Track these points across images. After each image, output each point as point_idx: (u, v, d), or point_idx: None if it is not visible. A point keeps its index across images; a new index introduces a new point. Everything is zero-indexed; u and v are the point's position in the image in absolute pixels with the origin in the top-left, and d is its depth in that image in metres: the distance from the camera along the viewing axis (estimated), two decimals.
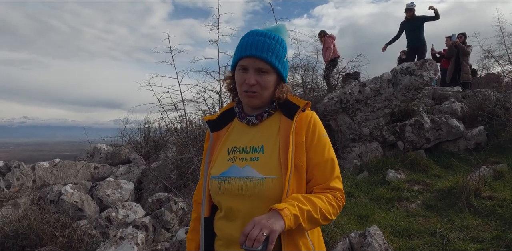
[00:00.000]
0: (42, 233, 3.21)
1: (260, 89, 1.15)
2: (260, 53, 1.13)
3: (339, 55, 8.37)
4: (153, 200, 4.27)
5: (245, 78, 1.14)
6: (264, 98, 1.18)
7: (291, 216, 0.96)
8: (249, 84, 1.13)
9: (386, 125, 5.67)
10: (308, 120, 1.18)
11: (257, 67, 1.14)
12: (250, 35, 1.18)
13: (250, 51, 1.13)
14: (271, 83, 1.17)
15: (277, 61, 1.15)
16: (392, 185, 4.32)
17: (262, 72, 1.15)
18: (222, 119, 1.30)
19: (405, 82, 5.48)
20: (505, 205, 3.41)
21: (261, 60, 1.13)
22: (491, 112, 5.71)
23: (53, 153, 32.96)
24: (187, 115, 5.48)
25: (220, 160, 1.21)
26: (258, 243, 0.88)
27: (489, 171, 4.29)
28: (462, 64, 8.35)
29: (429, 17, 7.68)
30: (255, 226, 0.91)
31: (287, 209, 0.97)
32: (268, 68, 1.15)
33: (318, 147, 1.15)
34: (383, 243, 2.75)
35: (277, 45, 1.16)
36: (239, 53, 1.16)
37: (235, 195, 1.12)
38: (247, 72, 1.14)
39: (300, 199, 1.03)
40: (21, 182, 4.71)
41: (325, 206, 1.07)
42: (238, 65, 1.17)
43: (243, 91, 1.16)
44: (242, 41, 1.18)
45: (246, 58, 1.14)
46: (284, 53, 1.18)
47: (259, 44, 1.14)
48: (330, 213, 1.08)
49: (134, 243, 2.76)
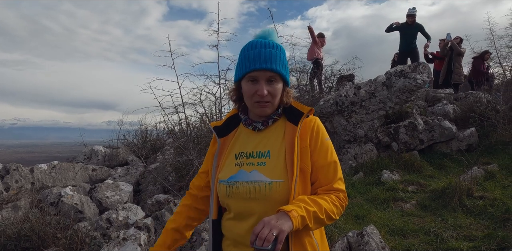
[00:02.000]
0: (44, 235, 3.25)
1: (271, 98, 1.21)
2: (270, 66, 1.18)
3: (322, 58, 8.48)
4: (153, 201, 4.31)
5: (256, 89, 1.19)
6: (274, 106, 1.24)
7: (298, 217, 1.02)
8: (262, 96, 1.18)
9: (381, 127, 5.78)
10: (312, 125, 1.24)
11: (267, 77, 1.19)
12: (253, 47, 1.22)
13: (260, 65, 1.17)
14: (279, 90, 1.23)
15: (283, 69, 1.22)
16: (387, 186, 4.42)
17: (271, 82, 1.20)
18: (228, 125, 1.36)
19: (399, 85, 5.60)
20: (496, 205, 3.53)
21: (271, 71, 1.19)
22: (482, 114, 5.85)
23: (45, 155, 32.56)
24: (187, 118, 5.53)
25: (228, 165, 1.26)
26: (268, 242, 0.94)
27: (481, 171, 4.41)
28: (455, 65, 8.44)
29: (424, 31, 7.93)
30: (265, 226, 0.97)
31: (295, 211, 1.02)
32: (277, 77, 1.21)
33: (321, 150, 1.21)
34: (380, 242, 2.84)
35: (280, 54, 1.22)
36: (247, 66, 1.19)
37: (244, 198, 1.17)
38: (257, 83, 1.19)
39: (306, 200, 1.09)
40: (20, 185, 4.72)
41: (330, 206, 1.13)
42: (246, 77, 1.21)
43: (255, 102, 1.21)
44: (246, 54, 1.21)
45: (256, 71, 1.18)
46: (286, 60, 1.24)
47: (266, 56, 1.18)
48: (334, 213, 1.14)
49: (137, 244, 2.81)
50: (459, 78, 8.45)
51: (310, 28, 8.18)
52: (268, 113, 1.25)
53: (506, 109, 5.85)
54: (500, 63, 9.64)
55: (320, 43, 8.37)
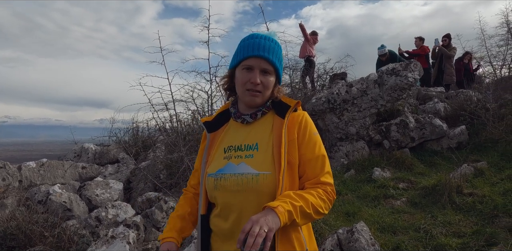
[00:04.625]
0: (31, 234, 3.19)
1: (263, 88, 1.21)
2: (267, 54, 1.19)
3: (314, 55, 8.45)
4: (143, 199, 4.27)
5: (250, 77, 1.19)
6: (264, 98, 1.24)
7: (285, 213, 1.01)
8: (255, 83, 1.19)
9: (372, 125, 5.80)
10: (300, 119, 1.23)
11: (262, 67, 1.20)
12: (253, 37, 1.23)
13: (257, 52, 1.18)
14: (272, 84, 1.23)
15: (279, 63, 1.23)
16: (378, 183, 4.44)
17: (266, 73, 1.21)
18: (218, 120, 1.35)
19: (390, 83, 5.62)
20: (484, 201, 3.56)
21: (266, 61, 1.19)
22: (472, 113, 5.90)
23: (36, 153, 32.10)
24: (177, 115, 5.49)
25: (217, 159, 1.25)
26: (260, 237, 0.92)
27: (470, 168, 4.45)
28: (446, 66, 8.54)
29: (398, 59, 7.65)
30: (254, 224, 0.95)
31: (281, 207, 1.01)
32: (272, 69, 1.21)
33: (309, 144, 1.21)
34: (370, 239, 2.85)
35: (278, 48, 1.23)
36: (244, 53, 1.20)
37: (231, 190, 1.16)
38: (252, 71, 1.19)
39: (292, 196, 1.08)
40: (7, 183, 4.63)
41: (316, 201, 1.11)
42: (241, 65, 1.21)
43: (246, 89, 1.21)
44: (245, 42, 1.22)
45: (252, 58, 1.19)
46: (282, 56, 1.26)
47: (265, 46, 1.20)
48: (322, 207, 1.13)
49: (126, 242, 2.78)
50: (450, 78, 8.54)
51: (302, 26, 8.17)
52: (257, 103, 1.24)
53: (495, 107, 5.91)
54: (491, 62, 9.75)
55: (312, 41, 8.37)
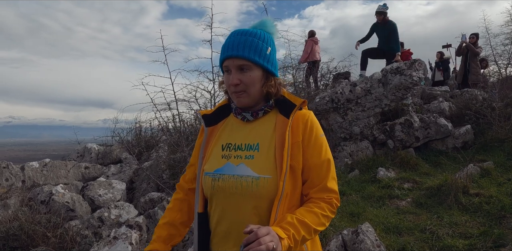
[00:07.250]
0: (33, 234, 3.18)
1: (245, 87, 1.14)
2: (236, 52, 1.11)
3: (318, 59, 8.31)
4: (146, 199, 4.25)
5: (229, 79, 1.14)
6: (252, 96, 1.16)
7: (286, 247, 0.97)
8: (233, 85, 1.13)
9: (377, 124, 5.75)
10: (306, 120, 1.15)
11: (237, 65, 1.12)
12: (229, 36, 1.17)
13: (227, 52, 1.13)
14: (256, 79, 1.14)
15: (257, 56, 1.12)
16: (382, 183, 4.39)
17: (244, 70, 1.13)
18: (218, 114, 1.29)
19: (395, 82, 5.57)
20: (491, 202, 3.50)
21: (240, 59, 1.11)
22: (478, 112, 5.83)
23: (40, 153, 32.36)
24: (180, 115, 5.47)
25: (214, 156, 1.20)
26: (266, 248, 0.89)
27: (476, 168, 4.39)
28: (471, 65, 8.17)
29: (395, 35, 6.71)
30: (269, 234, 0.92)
31: (286, 240, 0.97)
32: (249, 64, 1.12)
33: (315, 147, 1.14)
34: (375, 240, 2.80)
35: (256, 40, 1.13)
36: (221, 55, 1.16)
37: (229, 193, 1.11)
38: (231, 73, 1.14)
39: (295, 225, 1.03)
40: (10, 183, 4.63)
41: (319, 221, 1.08)
42: (223, 68, 1.16)
43: (232, 92, 1.16)
44: (223, 44, 1.18)
45: (227, 60, 1.13)
46: (266, 47, 1.15)
47: (235, 43, 1.12)
48: (324, 224, 1.10)
49: (128, 243, 2.76)
50: (476, 78, 8.15)
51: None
52: (244, 103, 1.17)
53: (501, 106, 5.84)
54: (496, 61, 9.65)
55: (310, 44, 8.28)
